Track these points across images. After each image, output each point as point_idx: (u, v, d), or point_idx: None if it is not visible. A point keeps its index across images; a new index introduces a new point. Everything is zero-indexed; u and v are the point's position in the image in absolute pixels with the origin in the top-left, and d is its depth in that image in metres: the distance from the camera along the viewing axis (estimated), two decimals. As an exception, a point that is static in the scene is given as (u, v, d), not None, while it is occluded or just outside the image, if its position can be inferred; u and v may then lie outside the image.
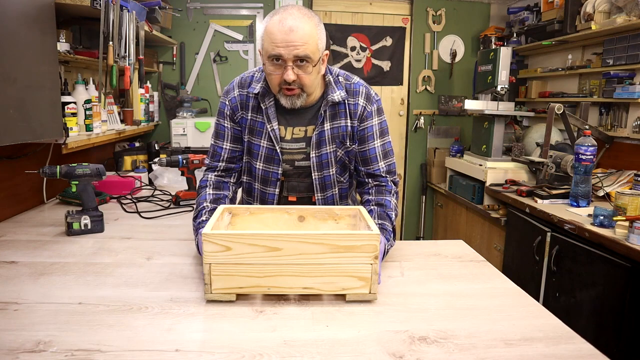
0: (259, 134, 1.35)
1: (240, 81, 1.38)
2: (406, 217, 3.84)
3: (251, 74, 1.38)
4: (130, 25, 2.10)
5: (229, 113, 1.37)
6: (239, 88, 1.36)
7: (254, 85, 1.34)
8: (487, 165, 2.81)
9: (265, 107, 1.32)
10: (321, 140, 1.34)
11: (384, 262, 1.26)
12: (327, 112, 1.33)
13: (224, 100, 1.38)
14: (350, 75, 1.39)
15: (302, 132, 1.35)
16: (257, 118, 1.35)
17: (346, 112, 1.34)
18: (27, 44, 1.46)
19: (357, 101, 1.34)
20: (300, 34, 1.16)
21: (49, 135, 1.62)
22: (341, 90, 1.33)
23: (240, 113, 1.36)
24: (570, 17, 2.74)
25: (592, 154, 2.12)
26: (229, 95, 1.37)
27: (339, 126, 1.34)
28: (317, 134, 1.33)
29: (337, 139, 1.34)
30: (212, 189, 1.36)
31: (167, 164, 2.00)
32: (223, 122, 1.38)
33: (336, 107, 1.34)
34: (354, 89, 1.35)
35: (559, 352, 0.84)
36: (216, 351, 0.83)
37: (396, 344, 0.86)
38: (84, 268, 1.20)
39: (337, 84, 1.33)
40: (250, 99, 1.35)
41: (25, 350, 0.82)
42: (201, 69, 3.43)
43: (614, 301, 1.75)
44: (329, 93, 1.31)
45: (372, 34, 3.62)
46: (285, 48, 1.16)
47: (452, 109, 3.71)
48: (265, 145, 1.34)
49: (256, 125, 1.35)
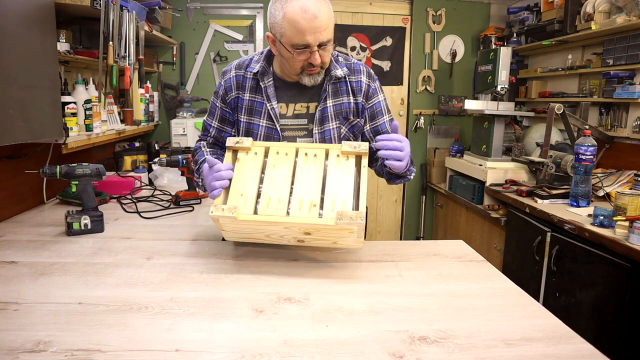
0: (257, 113, 1.36)
1: (239, 63, 1.40)
2: (406, 217, 3.84)
3: (250, 56, 1.41)
4: (130, 25, 2.10)
5: (222, 93, 1.39)
6: (236, 69, 1.38)
7: (252, 65, 1.36)
8: (487, 165, 2.81)
9: (265, 86, 1.34)
10: (324, 117, 1.35)
11: (384, 262, 1.26)
12: (330, 89, 1.35)
13: (220, 81, 1.41)
14: (348, 56, 1.43)
15: (303, 109, 1.36)
16: (255, 98, 1.36)
17: (348, 89, 1.37)
18: (27, 44, 1.46)
19: (359, 78, 1.38)
20: (323, 20, 1.17)
21: (49, 135, 1.62)
22: (343, 68, 1.36)
23: (234, 93, 1.37)
24: (570, 17, 2.74)
25: (592, 154, 2.12)
26: (225, 76, 1.39)
27: (342, 103, 1.36)
28: (320, 111, 1.34)
29: (340, 115, 1.36)
30: (207, 149, 1.41)
31: (167, 164, 2.00)
32: (215, 101, 1.42)
33: (337, 85, 1.36)
34: (354, 68, 1.39)
35: (559, 352, 0.84)
36: (216, 351, 0.83)
37: (396, 344, 0.86)
38: (84, 268, 1.20)
39: (337, 62, 1.37)
40: (248, 79, 1.36)
41: (25, 350, 0.82)
42: (201, 69, 3.43)
43: (614, 301, 1.75)
44: (332, 69, 1.34)
45: (372, 34, 3.61)
46: (313, 35, 1.18)
47: (452, 109, 3.71)
48: (265, 124, 1.35)
49: (255, 105, 1.36)
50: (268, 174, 1.18)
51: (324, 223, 1.08)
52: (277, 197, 1.14)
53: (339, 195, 1.12)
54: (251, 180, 1.18)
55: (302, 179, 1.16)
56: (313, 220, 1.09)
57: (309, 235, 1.15)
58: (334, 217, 1.06)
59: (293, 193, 1.15)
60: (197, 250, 1.36)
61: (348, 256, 1.31)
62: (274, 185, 1.16)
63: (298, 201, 1.13)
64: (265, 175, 1.18)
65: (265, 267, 1.22)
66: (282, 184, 1.16)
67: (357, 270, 1.22)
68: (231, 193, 1.16)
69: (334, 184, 1.14)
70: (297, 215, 1.11)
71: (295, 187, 1.15)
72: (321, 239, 1.18)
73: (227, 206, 1.11)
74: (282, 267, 1.22)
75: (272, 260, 1.27)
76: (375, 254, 1.33)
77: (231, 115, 1.40)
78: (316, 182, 1.16)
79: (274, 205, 1.13)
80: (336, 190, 1.13)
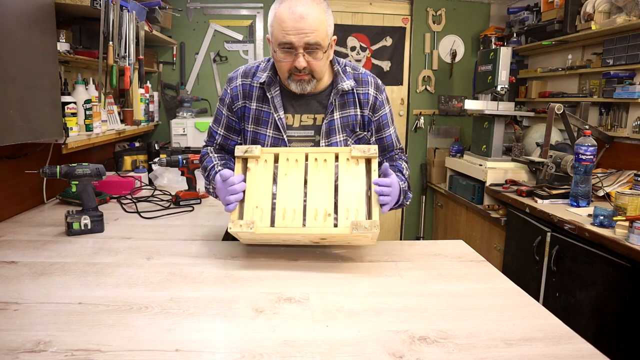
0: (264, 123, 1.35)
1: (245, 70, 1.39)
2: (406, 217, 3.84)
3: (257, 63, 1.40)
4: (130, 25, 2.10)
5: (228, 102, 1.39)
6: (242, 77, 1.37)
7: (259, 74, 1.35)
8: (487, 165, 2.81)
9: (272, 96, 1.33)
10: (331, 129, 1.34)
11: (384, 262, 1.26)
12: (337, 101, 1.34)
13: (226, 88, 1.40)
14: (357, 66, 1.42)
15: (310, 120, 1.36)
16: (262, 108, 1.35)
17: (355, 101, 1.36)
18: (27, 44, 1.46)
19: (367, 90, 1.37)
20: (310, 21, 1.17)
21: (49, 135, 1.62)
22: (350, 80, 1.35)
23: (241, 102, 1.37)
24: (570, 17, 2.74)
25: (592, 154, 2.12)
26: (231, 84, 1.38)
27: (349, 115, 1.36)
28: (327, 123, 1.34)
29: (347, 127, 1.36)
30: (215, 154, 1.41)
31: (167, 164, 2.01)
32: (222, 108, 1.42)
33: (345, 97, 1.35)
34: (362, 79, 1.38)
35: (559, 352, 0.84)
36: (216, 351, 0.83)
37: (396, 344, 0.86)
38: (84, 268, 1.20)
39: (345, 74, 1.35)
40: (255, 88, 1.35)
41: (25, 350, 0.82)
42: (201, 69, 3.43)
43: (614, 301, 1.75)
44: (339, 82, 1.33)
45: (372, 34, 3.61)
46: (296, 35, 1.17)
47: (452, 109, 3.71)
48: (272, 134, 1.35)
49: (262, 115, 1.35)
50: (280, 183, 1.20)
51: (339, 232, 1.12)
52: (292, 208, 1.16)
53: (352, 203, 1.15)
54: (264, 190, 1.19)
55: (315, 187, 1.18)
56: (329, 230, 1.14)
57: (325, 239, 1.20)
58: (349, 227, 1.10)
59: (307, 202, 1.17)
60: (197, 250, 1.36)
61: (348, 256, 1.31)
62: (287, 195, 1.18)
63: (313, 211, 1.16)
64: (278, 185, 1.20)
65: (265, 267, 1.22)
66: (295, 193, 1.18)
67: (357, 270, 1.22)
68: (246, 206, 1.19)
69: (346, 191, 1.17)
70: (313, 225, 1.15)
71: (308, 196, 1.17)
72: (338, 241, 1.24)
73: (244, 221, 1.14)
74: (282, 267, 1.22)
75: (272, 260, 1.27)
76: (375, 254, 1.33)
77: (237, 124, 1.39)
78: (329, 189, 1.18)
79: (289, 217, 1.15)
80: (349, 197, 1.16)
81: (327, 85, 1.35)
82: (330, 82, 1.35)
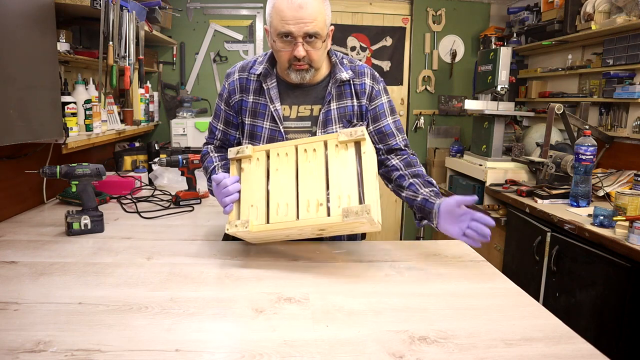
0: (261, 115, 1.36)
1: (243, 65, 1.40)
2: (406, 217, 3.84)
3: (255, 58, 1.41)
4: (130, 25, 2.10)
5: (226, 96, 1.40)
6: (239, 72, 1.39)
7: (256, 67, 1.36)
8: (487, 165, 2.81)
9: (268, 88, 1.34)
10: (327, 120, 1.35)
11: (384, 262, 1.26)
12: (334, 92, 1.35)
13: (224, 83, 1.42)
14: (353, 59, 1.43)
15: (307, 111, 1.36)
16: (259, 100, 1.36)
17: (352, 91, 1.37)
18: (27, 44, 1.46)
19: (363, 81, 1.37)
20: (309, 11, 1.18)
21: (49, 135, 1.62)
22: (347, 70, 1.36)
23: (238, 96, 1.38)
24: (570, 17, 2.74)
25: (592, 154, 2.12)
26: (229, 79, 1.40)
27: (345, 106, 1.36)
28: (323, 113, 1.34)
29: (344, 118, 1.36)
30: (216, 154, 1.42)
31: (167, 164, 2.00)
32: (220, 104, 1.43)
33: (342, 87, 1.36)
34: (359, 70, 1.38)
35: (559, 352, 0.84)
36: (216, 351, 0.83)
37: (396, 344, 0.86)
38: (84, 268, 1.20)
39: (342, 65, 1.36)
40: (252, 81, 1.36)
41: (25, 350, 0.82)
42: (201, 69, 3.43)
43: (614, 301, 1.75)
44: (337, 72, 1.34)
45: (372, 34, 3.61)
46: (295, 25, 1.18)
47: (452, 109, 3.71)
48: (268, 126, 1.35)
49: (258, 107, 1.36)
50: (273, 179, 1.19)
51: (332, 221, 1.10)
52: (285, 202, 1.15)
53: (344, 190, 1.13)
54: (258, 189, 1.19)
55: (306, 178, 1.17)
56: (322, 220, 1.11)
57: (324, 230, 1.18)
58: (341, 214, 1.08)
59: (299, 194, 1.16)
60: (197, 250, 1.36)
61: (348, 256, 1.31)
62: (280, 190, 1.17)
63: (305, 202, 1.14)
64: (270, 181, 1.19)
65: (265, 267, 1.21)
66: (287, 188, 1.17)
67: (357, 270, 1.21)
68: (242, 206, 1.19)
69: (337, 178, 1.14)
70: (307, 217, 1.13)
71: (300, 188, 1.16)
72: (337, 230, 1.22)
73: (240, 221, 1.15)
74: (282, 267, 1.22)
75: (272, 260, 1.27)
76: (375, 254, 1.33)
77: (235, 119, 1.40)
78: (319, 178, 1.16)
79: (282, 211, 1.15)
80: (340, 183, 1.14)
81: (324, 76, 1.36)
82: (327, 73, 1.36)
